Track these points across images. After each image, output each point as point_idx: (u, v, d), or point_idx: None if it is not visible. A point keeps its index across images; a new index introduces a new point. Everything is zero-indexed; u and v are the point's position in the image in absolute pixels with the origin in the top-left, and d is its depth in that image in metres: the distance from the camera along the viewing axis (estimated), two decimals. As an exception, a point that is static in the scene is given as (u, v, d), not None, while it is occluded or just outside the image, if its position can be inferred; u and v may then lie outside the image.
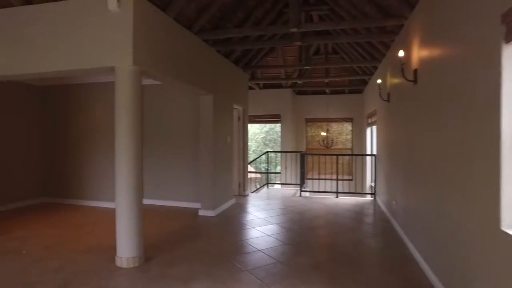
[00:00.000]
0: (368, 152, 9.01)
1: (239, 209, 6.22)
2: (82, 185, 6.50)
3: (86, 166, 6.49)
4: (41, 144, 6.73)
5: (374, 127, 7.89)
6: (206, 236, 4.55)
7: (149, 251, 3.85)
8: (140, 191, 3.66)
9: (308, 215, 5.74)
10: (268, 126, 15.81)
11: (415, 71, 3.71)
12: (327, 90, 10.19)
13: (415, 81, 3.71)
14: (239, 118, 7.50)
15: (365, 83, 9.24)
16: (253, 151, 16.19)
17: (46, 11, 3.77)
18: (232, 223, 5.25)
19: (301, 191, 7.58)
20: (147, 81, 6.45)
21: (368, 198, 7.58)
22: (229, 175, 6.46)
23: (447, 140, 2.76)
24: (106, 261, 3.58)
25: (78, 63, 3.65)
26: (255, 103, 9.89)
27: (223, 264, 3.54)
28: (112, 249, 3.61)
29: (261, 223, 5.23)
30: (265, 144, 16.66)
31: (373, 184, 7.45)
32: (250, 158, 9.62)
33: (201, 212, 5.69)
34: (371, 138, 8.85)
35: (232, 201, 6.57)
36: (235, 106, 7.11)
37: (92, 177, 6.44)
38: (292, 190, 8.44)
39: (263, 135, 16.84)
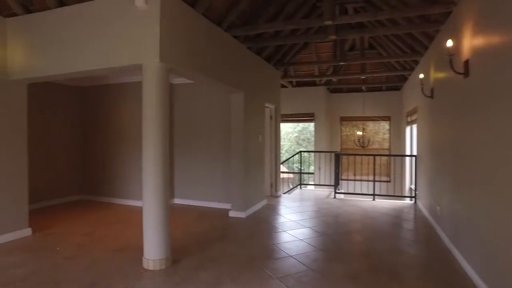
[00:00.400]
0: (408, 152, 8.43)
1: (271, 210, 6.00)
2: (116, 183, 6.59)
3: (121, 165, 6.57)
4: (79, 143, 6.92)
5: (415, 126, 7.35)
6: (235, 238, 4.37)
7: (177, 253, 3.74)
8: (167, 192, 3.55)
9: (342, 219, 5.40)
10: (301, 125, 15.42)
11: (466, 62, 3.28)
12: (363, 88, 9.69)
13: (466, 73, 3.29)
14: (271, 117, 7.28)
15: (404, 79, 8.66)
16: (285, 150, 15.88)
17: (78, 11, 3.76)
18: (263, 225, 5.04)
19: (336, 192, 7.22)
20: (178, 80, 6.42)
21: (408, 201, 7.06)
22: (260, 175, 6.26)
23: (507, 140, 2.36)
24: (133, 261, 3.51)
25: (107, 62, 3.61)
26: (288, 102, 9.62)
27: (252, 269, 3.34)
28: (141, 249, 3.53)
29: (293, 226, 4.97)
30: (298, 143, 16.25)
31: (413, 187, 6.92)
32: (283, 158, 9.37)
33: (232, 213, 5.53)
34: (411, 138, 8.27)
35: (263, 202, 6.37)
36: (267, 105, 6.90)
37: (126, 176, 6.50)
38: (326, 191, 8.09)
39: (296, 134, 16.43)
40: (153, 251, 3.41)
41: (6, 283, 3.06)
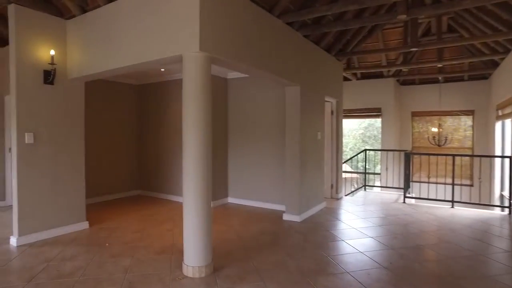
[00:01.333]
0: (498, 152, 7.05)
1: (330, 215, 5.39)
2: (172, 180, 6.57)
3: (176, 162, 6.52)
4: (140, 139, 7.06)
5: (509, 121, 6.06)
6: (286, 246, 3.90)
7: (221, 259, 3.41)
8: (209, 193, 3.22)
9: (413, 229, 4.58)
10: (367, 121, 14.15)
11: None
12: (440, 78, 8.41)
13: None
14: (332, 112, 6.62)
15: (494, 65, 7.25)
16: (350, 148, 14.78)
17: (122, 6, 3.64)
18: (319, 232, 4.48)
19: (405, 196, 6.30)
20: (232, 75, 6.13)
21: (498, 212, 5.84)
22: (319, 175, 5.68)
23: None
24: (175, 266, 3.27)
25: (149, 55, 3.40)
26: (352, 96, 8.81)
27: (300, 286, 2.85)
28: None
29: (354, 235, 4.33)
30: (363, 141, 14.95)
31: (506, 194, 5.70)
32: (346, 157, 8.56)
33: (286, 216, 5.07)
34: (503, 135, 6.90)
35: (322, 205, 5.78)
36: (327, 99, 6.27)
37: (177, 172, 6.44)
38: (393, 194, 7.16)
39: (361, 131, 15.15)
40: (193, 257, 3.11)
41: (55, 276, 3.05)
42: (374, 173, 8.20)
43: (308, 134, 5.26)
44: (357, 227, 4.66)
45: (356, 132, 15.02)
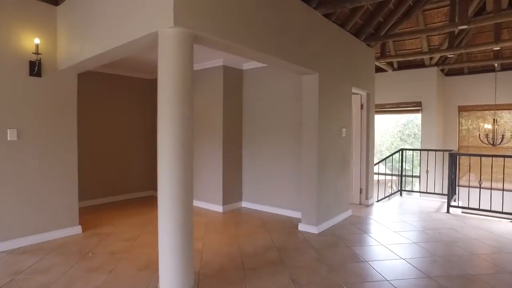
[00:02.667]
0: None
1: (355, 226, 4.54)
2: None
3: None
4: (153, 136, 6.61)
5: None
6: (294, 267, 3.16)
7: (209, 281, 2.77)
8: (188, 202, 2.59)
9: (460, 250, 3.61)
10: (406, 117, 12.65)
11: None
12: (495, 65, 7.10)
13: None
14: (362, 105, 5.71)
15: None
16: (386, 148, 13.40)
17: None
18: (338, 249, 3.67)
19: (449, 205, 5.23)
20: (247, 65, 5.45)
21: None
22: (343, 179, 4.84)
23: None
24: (153, 287, 2.67)
25: (125, 36, 2.82)
26: (388, 88, 7.78)
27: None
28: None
29: (381, 254, 3.48)
30: (402, 139, 13.43)
31: None
32: (382, 157, 7.51)
33: (301, 227, 4.31)
34: None
35: (347, 214, 4.92)
36: (355, 91, 5.39)
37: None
38: (435, 202, 6.08)
39: (399, 129, 13.62)
40: (169, 280, 2.50)
41: (14, 295, 2.58)
42: (412, 176, 7.09)
43: (329, 130, 4.45)
44: (387, 244, 3.78)
45: (394, 129, 13.48)
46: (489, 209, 4.94)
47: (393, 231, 4.29)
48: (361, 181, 5.73)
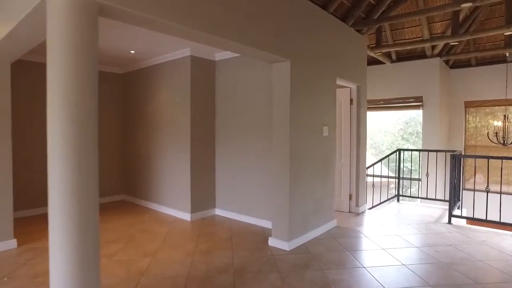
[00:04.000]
0: None
1: (337, 241, 3.81)
2: (152, 185, 5.38)
3: (154, 164, 5.32)
4: (122, 137, 5.97)
5: None
6: (244, 300, 2.47)
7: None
8: (89, 211, 1.90)
9: (459, 277, 2.85)
10: (408, 114, 11.69)
11: None
12: (507, 54, 6.24)
13: None
14: (351, 100, 4.97)
15: None
16: (387, 148, 12.43)
17: None
18: (307, 273, 2.95)
19: (452, 215, 4.46)
20: (220, 55, 4.76)
21: None
22: (326, 184, 4.12)
23: None
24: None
25: (18, 12, 2.17)
26: (385, 82, 7.01)
27: None
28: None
29: (361, 282, 2.75)
30: (404, 138, 12.45)
31: None
32: (381, 156, 6.71)
33: (272, 241, 3.61)
34: None
35: (329, 225, 4.20)
36: (341, 83, 4.66)
37: (156, 178, 5.23)
38: (436, 209, 5.30)
39: (400, 127, 12.60)
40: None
41: None
42: (411, 179, 6.26)
43: (307, 128, 3.73)
44: (370, 266, 3.05)
45: (395, 127, 12.45)
46: (499, 220, 4.14)
47: (382, 248, 3.55)
48: (351, 186, 4.99)
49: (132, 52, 4.67)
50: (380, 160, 5.78)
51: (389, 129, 12.23)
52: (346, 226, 4.33)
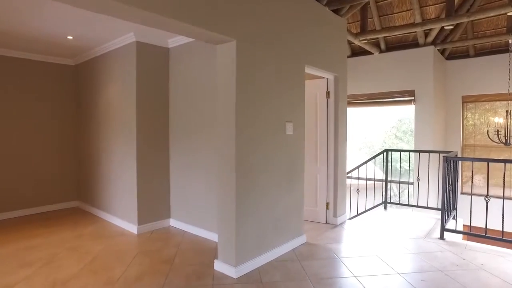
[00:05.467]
0: None
1: (301, 264, 3.04)
2: (99, 192, 4.65)
3: (102, 169, 4.59)
4: (75, 137, 5.24)
5: None
6: None
7: None
8: None
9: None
10: (401, 111, 10.76)
11: None
12: (510, 41, 5.42)
13: None
14: (328, 93, 4.20)
15: None
16: (380, 147, 11.51)
17: None
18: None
19: (444, 229, 3.66)
20: (174, 41, 4.01)
21: None
22: (292, 193, 3.35)
23: None
24: None
25: None
26: (373, 74, 6.25)
27: None
28: None
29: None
30: (397, 137, 11.50)
31: None
32: (365, 158, 5.85)
33: (218, 265, 2.86)
34: None
35: (296, 242, 3.43)
36: (316, 72, 3.90)
37: (105, 184, 4.49)
38: (427, 219, 4.51)
39: (393, 124, 11.63)
40: None
41: None
42: (399, 182, 5.44)
43: (262, 126, 2.97)
44: (333, 306, 2.29)
45: (387, 125, 11.48)
46: (501, 236, 3.34)
47: (354, 275, 2.78)
48: (328, 194, 4.21)
49: (70, 38, 3.93)
50: (365, 162, 5.00)
51: (381, 127, 11.31)
52: (317, 242, 3.56)
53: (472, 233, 3.54)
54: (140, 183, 3.89)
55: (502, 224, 3.38)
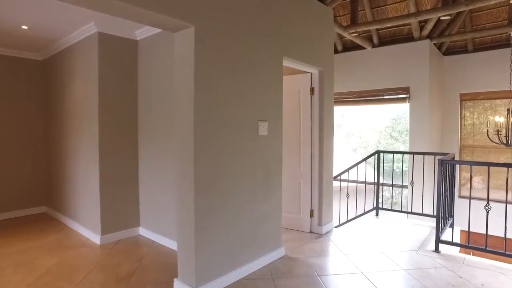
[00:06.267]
0: None
1: (274, 283, 2.64)
2: (65, 197, 4.25)
3: (67, 171, 4.20)
4: (46, 137, 4.84)
5: None
6: None
7: None
8: None
9: None
10: (396, 109, 10.23)
11: None
12: None
13: None
14: (312, 89, 3.79)
15: None
16: (374, 147, 10.98)
17: None
18: None
19: (439, 240, 3.25)
20: (142, 32, 3.62)
21: None
22: (267, 202, 2.95)
23: None
24: None
25: None
26: (365, 70, 5.85)
27: None
28: None
29: None
30: (392, 137, 11.00)
31: None
32: (352, 160, 5.40)
33: (177, 285, 2.46)
34: None
35: (272, 256, 3.01)
36: (299, 67, 3.51)
37: (71, 188, 4.09)
38: (422, 227, 4.10)
39: (388, 124, 11.13)
40: None
41: None
42: (392, 185, 5.01)
43: (229, 125, 2.57)
44: None
45: (382, 124, 10.93)
46: (504, 250, 2.93)
47: (334, 298, 2.38)
48: (312, 200, 3.81)
49: (25, 27, 3.52)
50: (356, 165, 4.59)
51: (376, 127, 10.79)
52: (297, 256, 3.16)
53: (471, 246, 3.14)
54: (103, 189, 3.49)
55: (505, 237, 2.97)
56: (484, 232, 3.08)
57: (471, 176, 3.34)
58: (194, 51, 2.28)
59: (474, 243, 3.25)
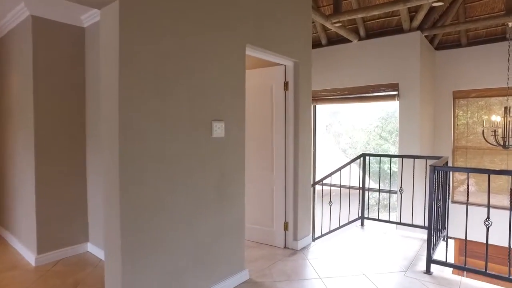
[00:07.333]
0: None
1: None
2: (4, 208, 3.68)
3: (4, 178, 3.64)
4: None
5: None
6: None
7: None
8: None
9: None
10: (386, 108, 9.68)
11: None
12: (509, 24, 4.55)
13: None
14: (285, 84, 3.28)
15: None
16: (362, 149, 10.45)
17: None
18: None
19: (431, 260, 2.76)
20: (90, 17, 3.09)
21: None
22: (223, 216, 2.44)
23: None
24: None
25: None
26: (351, 66, 5.35)
27: None
28: None
29: None
30: (382, 137, 10.49)
31: None
32: (335, 164, 4.87)
33: (102, 328, 1.94)
34: None
35: (233, 281, 2.48)
36: (270, 58, 3.01)
37: (8, 198, 3.54)
38: (412, 241, 3.62)
39: (377, 124, 10.61)
40: None
41: None
42: (379, 191, 4.51)
43: (171, 125, 2.05)
44: None
45: (371, 124, 10.39)
46: (508, 275, 2.44)
47: None
48: (287, 211, 3.30)
49: None
50: (339, 169, 4.10)
51: (364, 127, 10.25)
52: (264, 279, 2.65)
53: (468, 268, 2.65)
54: (41, 199, 2.95)
55: (509, 261, 2.47)
56: (479, 240, 2.62)
57: (468, 185, 2.85)
58: (119, 30, 1.75)
59: (470, 253, 2.77)
